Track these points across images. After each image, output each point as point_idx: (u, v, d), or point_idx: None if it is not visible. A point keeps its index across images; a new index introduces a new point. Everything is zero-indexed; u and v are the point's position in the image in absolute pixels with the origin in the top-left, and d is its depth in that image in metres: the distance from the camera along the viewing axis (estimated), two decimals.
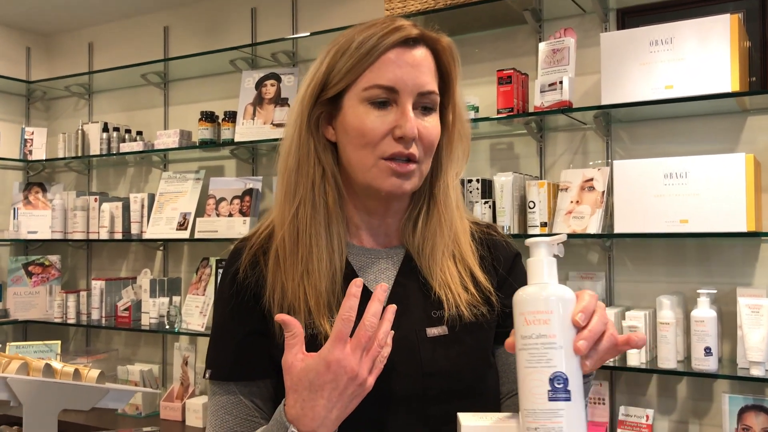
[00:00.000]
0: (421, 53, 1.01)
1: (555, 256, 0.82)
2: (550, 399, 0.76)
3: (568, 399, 0.76)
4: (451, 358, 1.01)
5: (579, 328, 0.78)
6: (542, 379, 0.76)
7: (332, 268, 1.01)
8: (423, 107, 1.00)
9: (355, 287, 0.88)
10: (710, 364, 2.04)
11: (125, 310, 3.25)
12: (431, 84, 1.01)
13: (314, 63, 1.04)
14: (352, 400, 0.87)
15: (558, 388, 0.76)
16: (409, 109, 0.98)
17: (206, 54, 3.05)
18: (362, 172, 1.00)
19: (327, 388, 0.86)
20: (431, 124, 1.01)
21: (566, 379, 0.76)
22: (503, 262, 1.11)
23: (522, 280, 1.12)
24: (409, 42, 1.00)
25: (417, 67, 0.99)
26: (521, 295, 0.80)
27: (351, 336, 0.87)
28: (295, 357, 0.88)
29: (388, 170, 0.99)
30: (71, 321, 3.35)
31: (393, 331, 0.89)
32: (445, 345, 1.01)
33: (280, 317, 0.89)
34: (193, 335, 3.05)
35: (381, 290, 0.89)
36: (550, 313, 0.78)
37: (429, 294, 1.04)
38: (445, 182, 1.07)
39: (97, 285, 3.31)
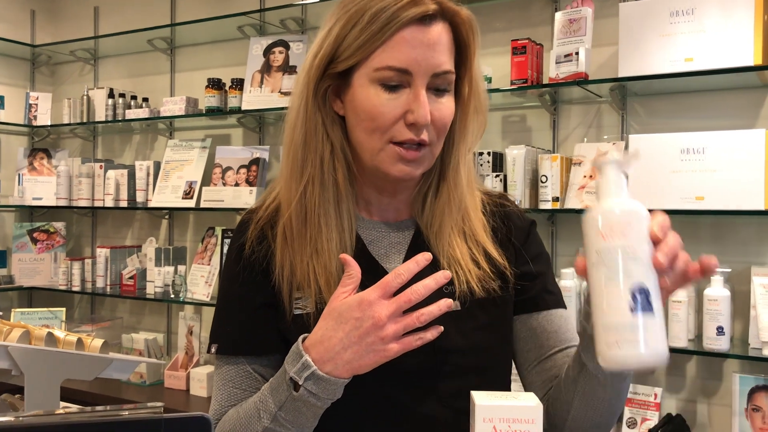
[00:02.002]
0: (437, 30, 0.94)
1: (625, 174, 0.79)
2: (632, 311, 0.73)
3: (650, 311, 0.73)
4: (463, 334, 0.98)
5: (657, 243, 0.75)
6: (623, 291, 0.74)
7: (342, 247, 0.98)
8: (436, 86, 0.95)
9: (424, 260, 0.86)
10: (722, 344, 2.02)
11: (130, 278, 3.23)
12: (447, 63, 0.95)
13: (322, 29, 0.98)
14: (369, 353, 0.84)
15: (639, 300, 0.73)
16: (423, 92, 0.92)
17: (213, 20, 2.99)
18: (370, 155, 0.96)
19: (350, 324, 0.85)
20: (445, 105, 0.96)
21: (648, 291, 0.73)
22: (516, 233, 1.08)
23: (538, 250, 1.09)
24: (426, 19, 0.93)
25: (433, 47, 0.93)
26: (595, 213, 0.77)
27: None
28: (342, 293, 0.88)
29: (396, 156, 0.94)
30: (76, 288, 3.34)
31: (441, 327, 0.86)
32: (457, 320, 0.98)
33: (343, 257, 0.89)
34: (198, 305, 3.04)
35: (424, 259, 0.86)
36: (628, 224, 0.75)
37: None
38: (455, 159, 1.02)
39: (102, 253, 3.29)
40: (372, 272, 0.98)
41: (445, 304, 0.85)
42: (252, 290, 1.00)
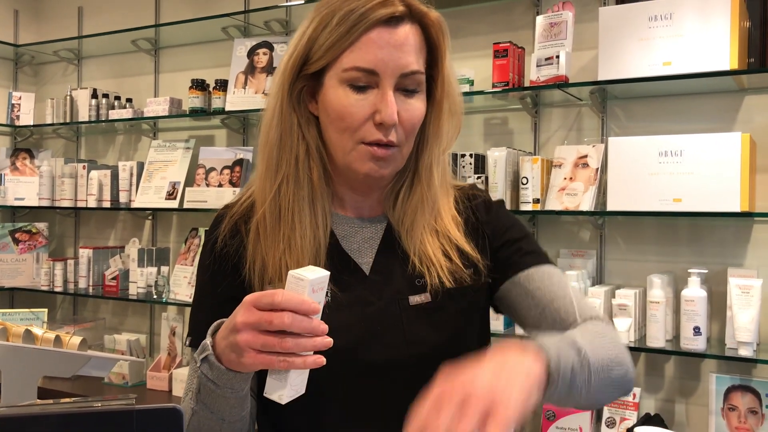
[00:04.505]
0: (405, 31, 0.96)
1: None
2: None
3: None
4: (434, 326, 1.00)
5: None
6: None
7: (316, 244, 0.99)
8: (405, 87, 0.96)
9: (313, 311, 0.79)
10: (699, 344, 2.04)
11: (113, 279, 3.22)
12: (414, 64, 0.96)
13: (297, 31, 1.00)
14: (231, 351, 0.83)
15: None
16: (390, 93, 0.94)
17: (198, 20, 2.99)
18: (342, 154, 0.98)
19: (229, 319, 0.83)
20: (413, 106, 0.98)
21: None
22: (485, 216, 1.10)
23: (508, 222, 1.10)
24: (393, 20, 0.95)
25: (400, 48, 0.95)
26: None
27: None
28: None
29: (367, 154, 0.96)
30: (58, 289, 3.32)
31: (323, 360, 0.80)
32: (428, 313, 1.00)
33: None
34: (181, 305, 3.03)
35: (312, 310, 0.79)
36: None
37: (411, 266, 1.02)
38: (429, 159, 1.04)
39: (85, 253, 3.28)
40: (345, 267, 1.00)
41: (313, 361, 0.79)
42: (221, 284, 1.02)
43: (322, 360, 0.79)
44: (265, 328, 0.78)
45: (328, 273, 0.81)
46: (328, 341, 0.79)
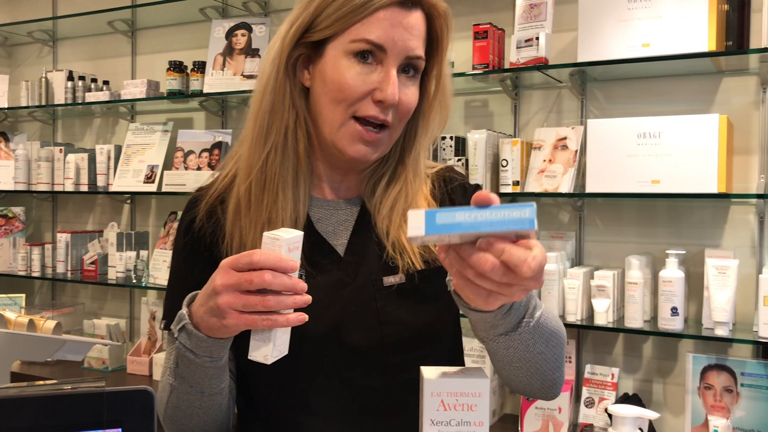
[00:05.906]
0: (416, 17, 0.96)
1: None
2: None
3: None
4: (408, 307, 1.00)
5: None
6: None
7: (295, 215, 0.99)
8: (405, 70, 0.97)
9: (301, 294, 0.81)
10: (676, 324, 2.06)
11: (91, 263, 3.19)
12: (420, 49, 0.97)
13: (302, 1, 0.99)
14: (211, 316, 0.83)
15: None
16: (394, 72, 0.94)
17: (175, 1, 2.95)
18: (330, 128, 0.97)
19: (209, 283, 0.84)
20: (412, 90, 0.98)
21: None
22: (461, 199, 1.09)
23: None
24: (408, 3, 0.95)
25: (410, 30, 0.95)
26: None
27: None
28: None
29: (356, 134, 0.95)
30: (36, 274, 3.29)
31: (305, 317, 0.80)
32: (401, 294, 1.00)
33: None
34: (161, 290, 3.01)
35: (303, 301, 0.81)
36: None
37: (384, 250, 1.02)
38: (417, 150, 1.04)
39: (63, 238, 3.24)
40: (318, 249, 1.00)
41: (296, 318, 0.80)
42: (198, 265, 1.01)
43: (304, 317, 0.80)
44: (245, 288, 0.79)
45: (301, 233, 0.82)
46: (308, 298, 0.80)
